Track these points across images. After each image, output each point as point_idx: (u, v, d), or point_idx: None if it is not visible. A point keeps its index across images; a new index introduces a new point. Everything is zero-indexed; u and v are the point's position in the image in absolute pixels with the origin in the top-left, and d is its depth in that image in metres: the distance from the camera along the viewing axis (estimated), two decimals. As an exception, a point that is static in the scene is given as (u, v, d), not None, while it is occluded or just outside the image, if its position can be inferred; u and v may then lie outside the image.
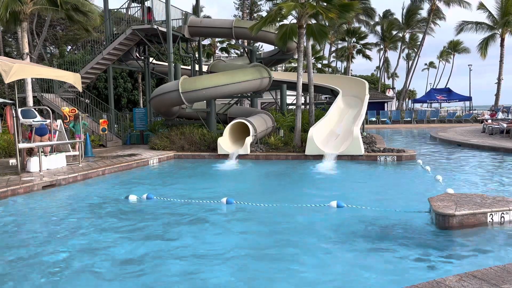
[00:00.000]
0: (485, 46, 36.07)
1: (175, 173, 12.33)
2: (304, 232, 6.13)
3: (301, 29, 15.02)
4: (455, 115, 36.73)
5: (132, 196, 8.48)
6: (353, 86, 20.36)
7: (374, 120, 34.81)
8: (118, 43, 18.75)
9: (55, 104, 18.50)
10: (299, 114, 15.21)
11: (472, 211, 5.87)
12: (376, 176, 11.15)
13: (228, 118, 18.67)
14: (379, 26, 45.03)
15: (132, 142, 19.34)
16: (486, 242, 5.36)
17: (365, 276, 4.48)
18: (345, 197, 8.02)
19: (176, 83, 16.01)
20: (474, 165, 12.17)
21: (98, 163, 12.69)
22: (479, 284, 3.45)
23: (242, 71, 17.34)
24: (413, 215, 6.66)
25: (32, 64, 13.03)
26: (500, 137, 18.05)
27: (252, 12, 45.98)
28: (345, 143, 13.82)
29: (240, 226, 6.58)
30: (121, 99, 29.22)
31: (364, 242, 5.54)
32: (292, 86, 21.49)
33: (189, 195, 8.60)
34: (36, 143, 11.18)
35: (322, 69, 47.92)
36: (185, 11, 20.45)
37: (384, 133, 25.49)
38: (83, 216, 7.32)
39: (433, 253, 5.04)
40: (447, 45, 54.58)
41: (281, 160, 13.94)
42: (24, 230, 6.65)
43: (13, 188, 8.88)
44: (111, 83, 20.41)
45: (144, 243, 5.72)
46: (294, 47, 20.09)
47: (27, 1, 16.08)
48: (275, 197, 8.38)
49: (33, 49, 24.43)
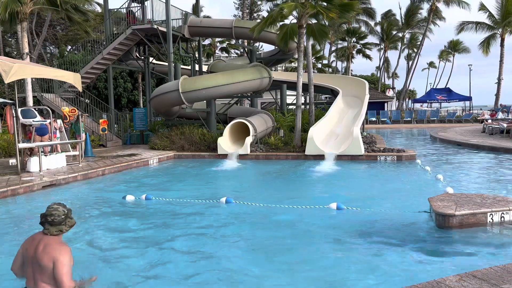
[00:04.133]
0: (487, 44, 36.09)
1: (175, 173, 12.33)
2: (304, 232, 6.13)
3: (301, 29, 15.02)
4: (455, 115, 36.73)
5: (130, 196, 8.47)
6: (353, 86, 20.36)
7: (374, 120, 34.80)
8: (118, 43, 18.74)
9: (55, 104, 18.49)
10: (299, 114, 15.20)
11: (472, 211, 5.87)
12: (376, 176, 11.15)
13: (228, 118, 18.67)
14: (379, 26, 45.04)
15: (132, 142, 19.34)
16: (486, 242, 5.35)
17: (365, 276, 4.48)
18: (345, 197, 8.03)
19: (176, 83, 16.01)
20: (474, 165, 12.17)
21: (98, 163, 12.69)
22: (479, 284, 3.45)
23: (242, 71, 17.34)
24: (413, 215, 6.65)
25: (32, 64, 13.02)
26: (500, 137, 18.04)
27: (252, 12, 45.98)
28: (345, 143, 13.82)
29: (239, 226, 6.57)
30: (121, 99, 29.23)
31: (364, 242, 5.53)
32: (292, 86, 21.49)
33: (189, 195, 8.60)
34: (36, 143, 11.18)
35: (322, 69, 47.93)
36: (185, 11, 20.45)
37: (384, 133, 25.49)
38: (83, 216, 7.32)
39: (433, 253, 5.04)
40: (447, 44, 54.55)
41: (281, 160, 13.93)
42: (24, 230, 6.64)
43: (13, 188, 8.88)
44: (111, 83, 20.40)
45: (145, 242, 5.72)
46: (294, 47, 20.08)
47: (26, 1, 16.08)
48: (275, 197, 8.36)
49: (33, 49, 24.42)
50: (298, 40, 15.42)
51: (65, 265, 3.31)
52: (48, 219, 3.43)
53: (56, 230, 3.44)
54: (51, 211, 3.45)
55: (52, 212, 3.44)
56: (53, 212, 3.45)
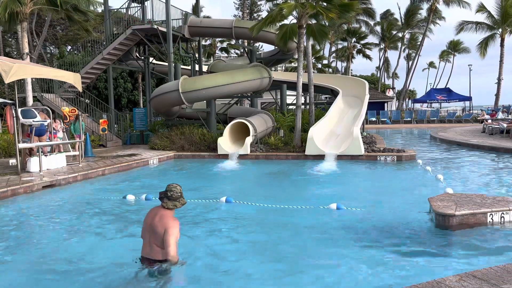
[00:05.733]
0: (484, 46, 36.09)
1: (175, 173, 12.33)
2: (304, 232, 6.13)
3: (301, 29, 15.02)
4: (455, 115, 36.72)
5: (130, 196, 8.47)
6: (353, 86, 20.36)
7: (374, 120, 34.80)
8: (118, 43, 18.75)
9: (55, 104, 18.49)
10: (299, 114, 15.20)
11: (472, 211, 5.87)
12: (376, 176, 11.15)
13: (228, 118, 18.67)
14: (379, 26, 45.04)
15: (132, 142, 19.34)
16: (486, 242, 5.35)
17: (365, 276, 4.48)
18: (345, 197, 8.03)
19: (176, 83, 16.01)
20: (474, 165, 12.16)
21: (98, 163, 12.69)
22: (479, 284, 3.45)
23: (242, 71, 17.34)
24: (413, 215, 6.66)
25: (32, 64, 13.02)
26: (500, 137, 18.04)
27: (252, 12, 46.00)
28: (345, 143, 13.82)
29: (239, 225, 6.57)
30: (121, 99, 29.22)
31: (363, 242, 5.53)
32: (292, 86, 21.48)
33: (189, 195, 8.58)
34: (36, 143, 11.18)
35: (322, 69, 47.90)
36: (185, 11, 20.45)
37: (384, 133, 25.49)
38: (83, 216, 7.32)
39: (433, 253, 5.04)
40: (448, 44, 54.54)
41: (281, 160, 13.93)
42: (24, 230, 6.65)
43: (13, 188, 8.87)
44: (111, 83, 20.40)
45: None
46: (294, 47, 20.08)
47: (26, 1, 16.07)
48: (275, 197, 8.36)
49: (33, 49, 24.42)
50: (298, 40, 15.42)
51: (172, 235, 4.10)
52: (168, 194, 4.24)
53: (172, 204, 4.24)
54: (171, 187, 4.27)
55: (172, 189, 4.26)
56: (172, 188, 4.26)
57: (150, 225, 4.22)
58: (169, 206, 4.23)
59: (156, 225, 4.16)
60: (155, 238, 4.16)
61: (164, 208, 4.25)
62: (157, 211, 4.29)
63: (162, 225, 4.12)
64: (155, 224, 4.17)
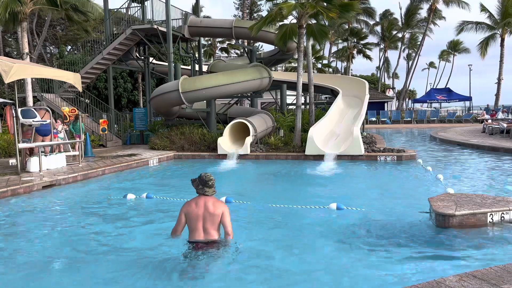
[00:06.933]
0: (485, 46, 36.10)
1: (175, 173, 12.33)
2: (303, 232, 6.12)
3: (301, 29, 15.01)
4: (455, 115, 36.72)
5: (130, 195, 8.47)
6: (353, 86, 20.36)
7: (374, 120, 34.80)
8: (118, 43, 18.75)
9: (55, 104, 18.49)
10: (299, 114, 15.20)
11: (472, 211, 5.86)
12: (376, 176, 11.15)
13: (228, 118, 18.67)
14: (379, 26, 45.03)
15: (132, 142, 19.34)
16: (486, 242, 5.35)
17: (365, 277, 4.47)
18: (345, 197, 8.02)
19: (176, 83, 16.01)
20: (474, 165, 12.16)
21: (98, 163, 12.69)
22: (479, 284, 3.45)
23: (242, 71, 17.34)
24: (413, 215, 6.65)
25: (32, 64, 13.02)
26: (500, 137, 18.04)
27: (252, 12, 46.01)
28: (345, 143, 13.82)
29: (238, 225, 6.56)
30: (121, 99, 29.22)
31: (363, 242, 5.53)
32: (292, 86, 21.48)
33: (189, 195, 8.57)
34: (36, 143, 11.18)
35: (322, 69, 47.90)
36: (185, 11, 20.45)
37: (384, 133, 25.48)
38: (83, 216, 7.32)
39: (433, 253, 5.04)
40: (448, 44, 54.53)
41: (281, 160, 13.93)
42: (24, 230, 6.64)
43: (13, 188, 8.88)
44: (111, 83, 20.40)
45: (145, 242, 5.72)
46: (294, 47, 20.08)
47: (26, 1, 16.08)
48: (275, 197, 8.37)
49: (33, 49, 24.41)
50: (298, 40, 15.41)
51: (228, 215, 4.88)
52: (209, 183, 4.86)
53: (213, 191, 4.90)
54: (209, 177, 4.89)
55: (210, 178, 4.89)
56: (211, 178, 4.90)
57: (204, 213, 4.77)
58: (212, 193, 4.88)
59: (213, 210, 4.77)
60: (212, 221, 4.77)
61: (207, 196, 4.86)
62: (204, 200, 4.83)
63: (219, 209, 4.80)
64: (211, 211, 4.76)
